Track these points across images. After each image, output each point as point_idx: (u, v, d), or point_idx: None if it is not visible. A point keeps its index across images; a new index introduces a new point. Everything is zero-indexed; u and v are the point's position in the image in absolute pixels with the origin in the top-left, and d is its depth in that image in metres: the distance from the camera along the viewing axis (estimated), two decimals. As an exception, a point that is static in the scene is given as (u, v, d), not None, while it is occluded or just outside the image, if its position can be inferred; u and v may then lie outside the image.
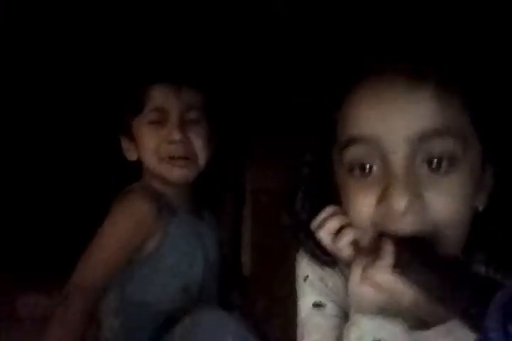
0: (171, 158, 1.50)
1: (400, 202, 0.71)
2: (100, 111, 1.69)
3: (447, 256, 0.76)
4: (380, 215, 0.75)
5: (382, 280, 0.74)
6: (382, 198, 0.73)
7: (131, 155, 1.54)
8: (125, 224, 1.47)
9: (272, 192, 1.76)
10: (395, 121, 0.72)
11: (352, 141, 0.76)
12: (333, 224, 0.83)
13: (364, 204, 0.76)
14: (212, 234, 1.63)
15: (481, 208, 0.81)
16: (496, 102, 0.78)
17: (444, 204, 0.73)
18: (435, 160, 0.73)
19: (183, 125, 1.47)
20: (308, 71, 1.37)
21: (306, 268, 0.99)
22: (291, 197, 0.96)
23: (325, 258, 0.92)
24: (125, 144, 1.55)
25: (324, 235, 0.85)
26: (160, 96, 1.47)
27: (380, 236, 0.76)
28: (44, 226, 1.93)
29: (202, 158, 1.54)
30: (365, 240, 0.79)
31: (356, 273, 0.79)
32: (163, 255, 1.49)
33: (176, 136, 1.46)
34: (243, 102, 1.74)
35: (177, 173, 1.51)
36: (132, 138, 1.52)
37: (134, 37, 1.80)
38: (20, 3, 1.78)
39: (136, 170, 1.58)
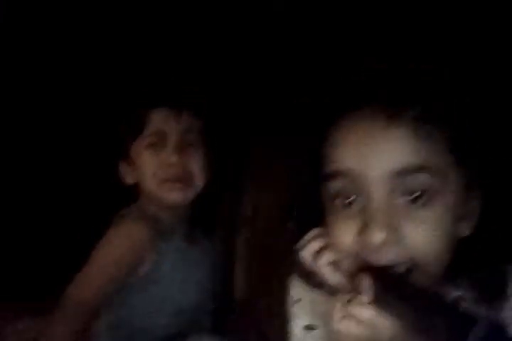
0: (169, 180, 1.49)
1: (377, 235, 0.74)
2: (99, 134, 1.68)
3: (425, 289, 0.78)
4: (359, 246, 0.78)
5: (363, 316, 0.77)
6: (362, 230, 0.77)
7: (129, 179, 1.54)
8: (120, 247, 1.46)
9: (266, 217, 1.77)
10: (373, 158, 0.76)
11: (334, 174, 0.80)
12: (315, 244, 0.86)
13: (345, 235, 0.80)
14: (206, 258, 1.60)
15: (468, 232, 0.83)
16: (474, 136, 0.81)
17: (421, 236, 0.76)
18: (413, 195, 0.76)
19: (182, 148, 1.49)
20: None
21: (298, 290, 1.00)
22: (285, 220, 1.00)
23: (315, 280, 0.93)
24: (123, 168, 1.55)
25: (305, 255, 0.88)
26: (160, 120, 1.50)
27: (359, 270, 0.78)
28: (34, 254, 1.89)
29: (199, 182, 1.54)
30: (345, 263, 0.82)
31: (338, 309, 0.80)
32: (156, 280, 1.48)
33: (174, 159, 1.47)
34: (240, 124, 1.73)
35: (174, 196, 1.51)
36: (130, 162, 1.52)
37: (137, 61, 1.83)
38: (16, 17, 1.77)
39: (133, 193, 1.56)
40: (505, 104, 1.01)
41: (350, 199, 0.79)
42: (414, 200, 0.77)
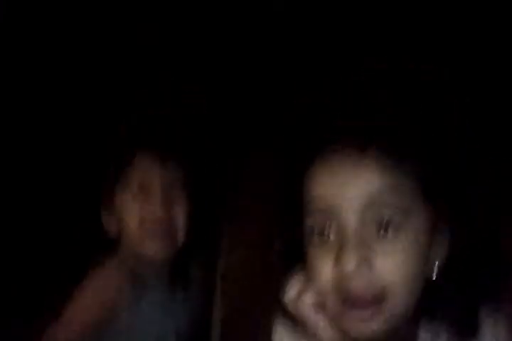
0: (151, 233, 1.49)
1: (349, 263, 0.75)
2: (83, 184, 1.68)
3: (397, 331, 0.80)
4: (336, 278, 0.78)
5: None
6: (336, 261, 0.78)
7: (111, 228, 1.53)
8: (94, 301, 1.44)
9: (242, 268, 1.75)
10: (344, 194, 0.78)
11: (311, 210, 0.82)
12: (295, 289, 0.85)
13: (323, 268, 0.80)
14: (183, 309, 1.59)
15: (434, 276, 0.82)
16: (443, 173, 0.81)
17: (389, 266, 0.77)
18: (381, 228, 0.77)
19: (167, 201, 1.47)
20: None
21: (282, 334, 0.97)
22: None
23: (300, 325, 0.89)
24: (105, 217, 1.54)
25: (287, 301, 0.86)
26: (144, 173, 1.48)
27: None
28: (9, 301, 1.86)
29: (181, 236, 1.53)
30: (328, 302, 0.81)
31: None
32: (132, 332, 1.45)
33: (159, 210, 1.45)
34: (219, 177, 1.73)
35: (155, 252, 1.50)
36: (112, 212, 1.51)
37: (125, 111, 1.74)
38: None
39: (113, 242, 1.56)
40: (473, 143, 0.96)
41: (327, 233, 0.80)
42: (384, 234, 0.78)
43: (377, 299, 0.77)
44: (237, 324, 1.71)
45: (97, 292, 1.43)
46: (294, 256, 0.89)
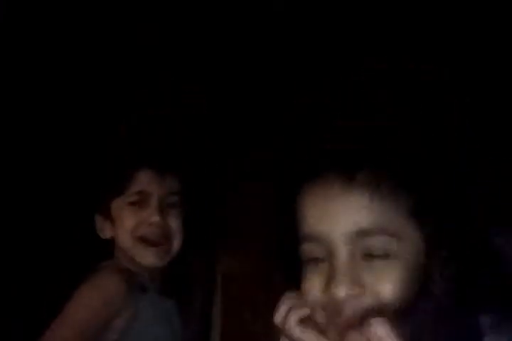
0: (146, 240, 1.49)
1: (340, 290, 0.72)
2: (81, 190, 1.69)
3: None
4: (327, 301, 0.75)
5: None
6: (327, 286, 0.75)
7: (105, 234, 1.52)
8: (92, 302, 1.41)
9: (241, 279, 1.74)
10: (335, 222, 0.75)
11: (304, 237, 0.79)
12: (283, 308, 0.81)
13: (313, 290, 0.77)
14: (181, 310, 1.59)
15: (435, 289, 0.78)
16: (432, 201, 0.77)
17: (382, 288, 0.73)
18: (371, 254, 0.74)
19: (163, 209, 1.47)
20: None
21: None
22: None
23: None
24: (100, 222, 1.53)
25: (277, 319, 0.82)
26: (143, 181, 1.47)
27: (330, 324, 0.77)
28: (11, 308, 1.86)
29: (176, 243, 1.53)
30: (317, 317, 0.77)
31: None
32: (134, 334, 1.44)
33: (156, 218, 1.44)
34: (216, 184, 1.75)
35: (149, 259, 1.49)
36: (108, 217, 1.51)
37: (125, 124, 1.75)
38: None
39: (109, 248, 1.56)
40: (459, 169, 0.91)
41: (318, 258, 0.78)
42: (374, 259, 0.75)
43: (366, 319, 0.73)
44: (238, 324, 1.71)
45: (95, 295, 1.42)
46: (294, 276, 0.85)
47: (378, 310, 0.73)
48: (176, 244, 1.48)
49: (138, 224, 1.43)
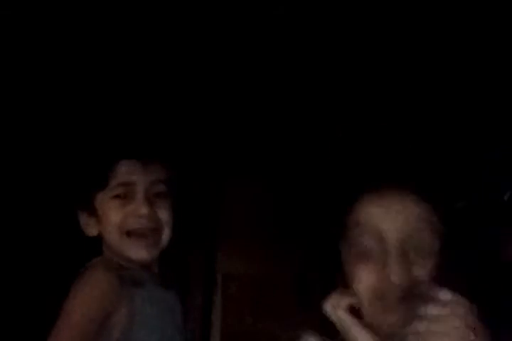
0: (135, 234, 1.47)
1: (396, 275, 0.94)
2: (61, 186, 1.66)
3: None
4: (380, 287, 0.96)
5: None
6: (382, 273, 0.96)
7: (91, 231, 1.49)
8: (89, 299, 1.41)
9: (242, 279, 1.80)
10: (392, 221, 0.98)
11: (360, 233, 1.00)
12: (334, 298, 0.99)
13: (368, 278, 0.98)
14: (179, 303, 1.59)
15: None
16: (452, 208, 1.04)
17: (424, 275, 0.96)
18: (419, 249, 0.97)
19: (150, 199, 1.43)
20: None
21: None
22: (302, 283, 1.12)
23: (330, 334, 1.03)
24: (84, 219, 1.49)
25: (328, 308, 0.99)
26: (126, 172, 1.42)
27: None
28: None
29: (165, 235, 1.50)
30: (364, 306, 0.97)
31: None
32: (135, 330, 1.44)
33: (144, 210, 1.40)
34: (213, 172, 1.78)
35: (139, 253, 1.47)
36: (92, 213, 1.48)
37: (103, 114, 1.77)
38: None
39: (97, 245, 1.54)
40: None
41: (372, 250, 0.98)
42: (419, 253, 0.97)
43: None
44: (238, 324, 1.76)
45: (89, 292, 1.42)
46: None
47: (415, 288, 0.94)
48: (165, 235, 1.44)
49: (125, 218, 1.40)
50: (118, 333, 1.40)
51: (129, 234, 1.42)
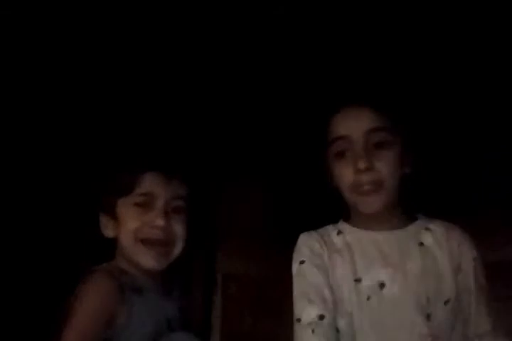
0: (148, 242, 1.49)
1: (361, 164, 1.28)
2: (87, 189, 1.69)
3: None
4: (355, 178, 1.31)
5: None
6: (354, 166, 1.30)
7: (109, 233, 1.53)
8: (92, 302, 1.42)
9: (242, 279, 1.83)
10: (356, 126, 1.32)
11: (336, 139, 1.34)
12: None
13: (346, 171, 1.32)
14: (178, 312, 1.60)
15: (408, 170, 1.37)
16: (411, 120, 1.39)
17: (384, 167, 1.31)
18: (377, 144, 1.30)
19: (168, 212, 1.48)
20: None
21: (304, 252, 1.39)
22: None
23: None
24: (104, 221, 1.54)
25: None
26: (150, 183, 1.49)
27: None
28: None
29: (177, 248, 1.53)
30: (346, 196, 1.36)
31: None
32: (129, 332, 1.44)
33: (161, 221, 1.47)
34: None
35: (149, 261, 1.49)
36: (112, 216, 1.51)
37: (134, 129, 1.83)
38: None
39: (110, 247, 1.56)
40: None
41: (345, 151, 1.32)
42: (379, 147, 1.31)
43: (378, 186, 1.31)
44: (238, 324, 1.78)
45: (92, 295, 1.43)
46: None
47: (382, 180, 1.30)
48: (177, 249, 1.50)
49: (141, 226, 1.45)
50: (115, 334, 1.41)
51: (142, 241, 1.45)
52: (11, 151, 1.81)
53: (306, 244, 1.39)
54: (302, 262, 1.37)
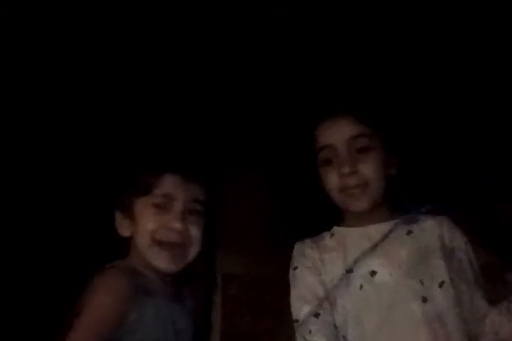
0: (164, 244, 1.49)
1: (345, 169, 1.37)
2: (105, 187, 1.70)
3: None
4: (341, 181, 1.39)
5: None
6: (338, 170, 1.39)
7: (124, 231, 1.52)
8: (105, 299, 1.42)
9: (242, 279, 1.84)
10: (339, 135, 1.41)
11: (321, 148, 1.44)
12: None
13: (332, 176, 1.41)
14: (186, 316, 1.59)
15: (393, 172, 1.46)
16: (389, 126, 1.46)
17: (369, 169, 1.39)
18: (360, 149, 1.39)
19: (185, 215, 1.48)
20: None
21: (298, 259, 1.46)
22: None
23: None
24: (119, 219, 1.53)
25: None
26: (170, 184, 1.49)
27: None
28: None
29: (193, 251, 1.53)
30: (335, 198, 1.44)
31: None
32: (136, 335, 1.44)
33: (178, 225, 1.46)
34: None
35: (164, 263, 1.49)
36: (129, 215, 1.51)
37: (154, 130, 1.84)
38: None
39: (124, 246, 1.56)
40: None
41: (331, 158, 1.41)
42: (362, 151, 1.39)
43: (364, 187, 1.39)
44: (238, 324, 1.78)
45: (105, 292, 1.42)
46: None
47: (366, 182, 1.38)
48: (193, 252, 1.49)
49: (158, 227, 1.45)
50: (123, 335, 1.40)
51: (158, 243, 1.44)
52: (29, 149, 1.82)
53: (299, 252, 1.46)
54: (295, 268, 1.44)
